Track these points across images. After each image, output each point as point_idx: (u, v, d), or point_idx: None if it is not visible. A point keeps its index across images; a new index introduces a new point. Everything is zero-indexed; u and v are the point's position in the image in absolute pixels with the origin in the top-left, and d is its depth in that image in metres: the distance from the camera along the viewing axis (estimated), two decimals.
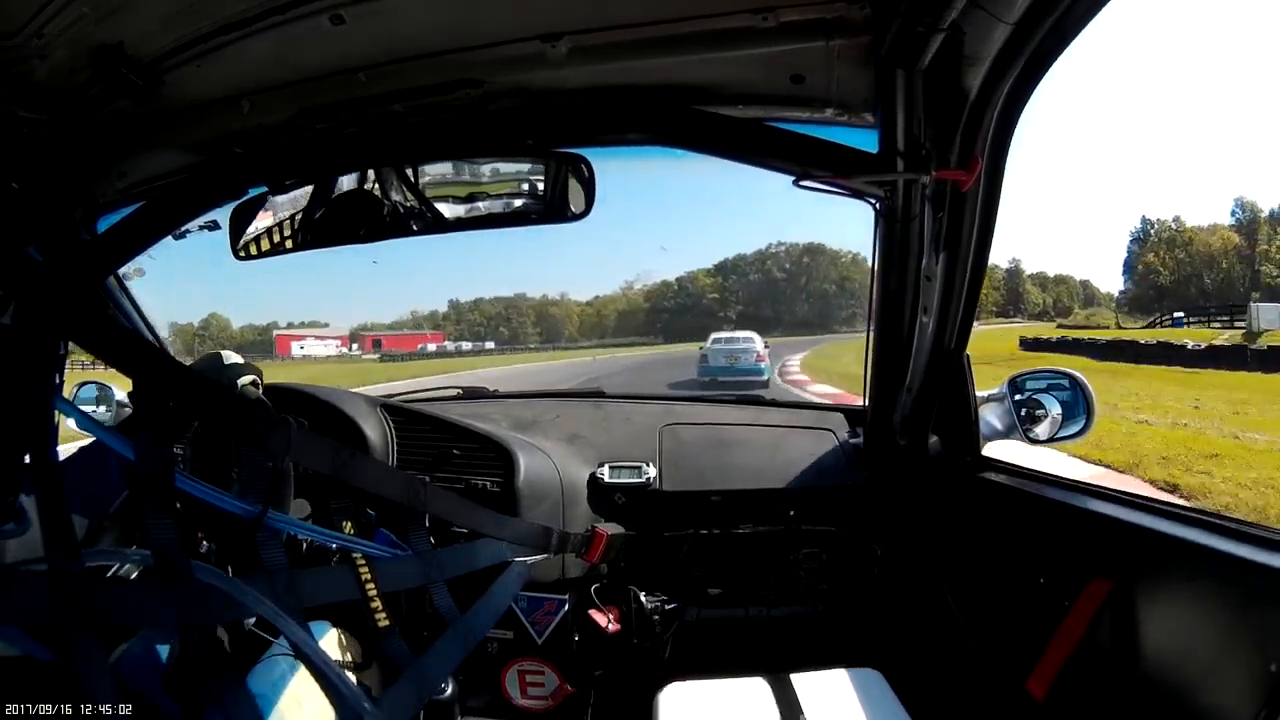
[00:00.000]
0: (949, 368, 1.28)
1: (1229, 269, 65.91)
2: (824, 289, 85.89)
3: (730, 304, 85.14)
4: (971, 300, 1.18)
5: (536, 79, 1.10)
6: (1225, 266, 66.26)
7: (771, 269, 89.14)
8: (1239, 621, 0.79)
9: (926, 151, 0.99)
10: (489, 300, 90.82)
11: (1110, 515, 1.01)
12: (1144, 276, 70.66)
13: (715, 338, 15.94)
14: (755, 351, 14.61)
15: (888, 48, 0.91)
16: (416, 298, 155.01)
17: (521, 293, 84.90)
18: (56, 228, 1.34)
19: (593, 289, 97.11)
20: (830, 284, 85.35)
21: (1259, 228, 65.41)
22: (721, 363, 14.30)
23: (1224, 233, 68.45)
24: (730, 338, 16.04)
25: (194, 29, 0.95)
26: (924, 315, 1.21)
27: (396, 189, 1.28)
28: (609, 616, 1.51)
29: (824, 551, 1.58)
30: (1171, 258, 70.16)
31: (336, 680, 0.83)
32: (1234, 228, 67.91)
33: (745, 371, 14.00)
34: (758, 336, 15.98)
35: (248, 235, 1.35)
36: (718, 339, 15.78)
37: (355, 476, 0.98)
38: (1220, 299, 59.89)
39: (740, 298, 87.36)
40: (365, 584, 0.97)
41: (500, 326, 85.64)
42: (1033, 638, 1.08)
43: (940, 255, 1.10)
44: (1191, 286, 65.86)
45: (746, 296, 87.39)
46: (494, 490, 1.49)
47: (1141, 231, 73.68)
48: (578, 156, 1.20)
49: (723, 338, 15.98)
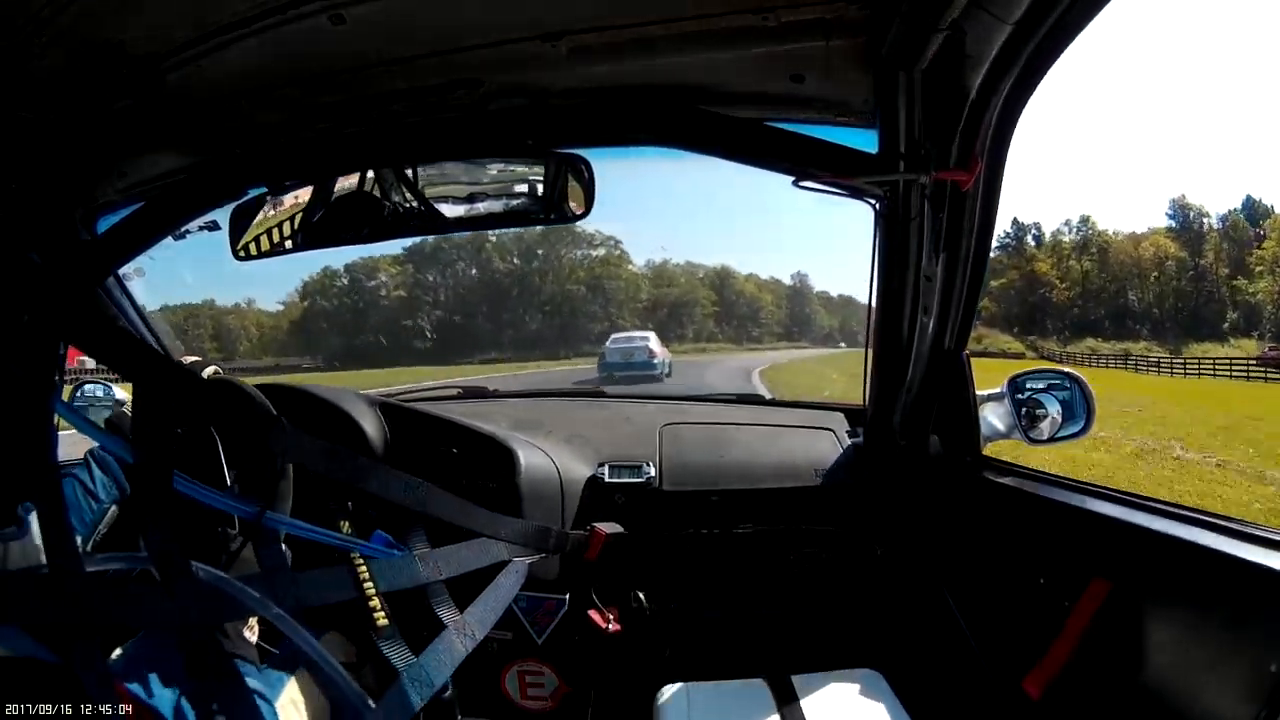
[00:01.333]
0: (949, 368, 1.28)
1: (1165, 282, 55.76)
2: (569, 291, 57.15)
3: (422, 309, 54.16)
4: (971, 300, 1.18)
5: (536, 79, 1.10)
6: (1158, 279, 55.92)
7: (494, 258, 57.30)
8: (1239, 622, 0.79)
9: (926, 151, 0.99)
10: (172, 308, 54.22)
11: (1111, 516, 1.01)
12: (1023, 290, 58.32)
13: (614, 338, 17.77)
14: (648, 348, 16.10)
15: (888, 48, 0.91)
16: None
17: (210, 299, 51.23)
18: (56, 228, 1.34)
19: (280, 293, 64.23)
20: (579, 285, 57.75)
21: (1207, 235, 55.43)
22: (617, 359, 15.66)
23: (1159, 239, 57.55)
24: (628, 337, 17.75)
25: (194, 29, 0.95)
26: (924, 315, 1.21)
27: (396, 189, 1.28)
28: (609, 616, 1.50)
29: (824, 552, 1.58)
30: (1079, 266, 58.58)
31: (336, 680, 0.83)
32: (1173, 234, 57.53)
33: (638, 366, 15.34)
34: (653, 335, 17.85)
35: (248, 235, 1.35)
36: (616, 339, 17.55)
37: (354, 476, 0.98)
38: (1151, 319, 53.23)
39: (439, 300, 55.69)
40: (364, 584, 0.97)
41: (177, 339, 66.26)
42: (1033, 638, 1.08)
43: (940, 255, 1.10)
44: (1100, 304, 57.33)
45: (451, 300, 56.15)
46: (493, 490, 1.49)
47: (1013, 237, 61.01)
48: (577, 157, 1.20)
49: (621, 337, 17.74)
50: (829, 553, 1.59)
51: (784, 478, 1.58)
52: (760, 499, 1.58)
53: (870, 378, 1.44)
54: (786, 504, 1.57)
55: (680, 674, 1.27)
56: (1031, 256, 60.34)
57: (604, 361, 16.05)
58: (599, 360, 16.55)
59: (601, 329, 44.52)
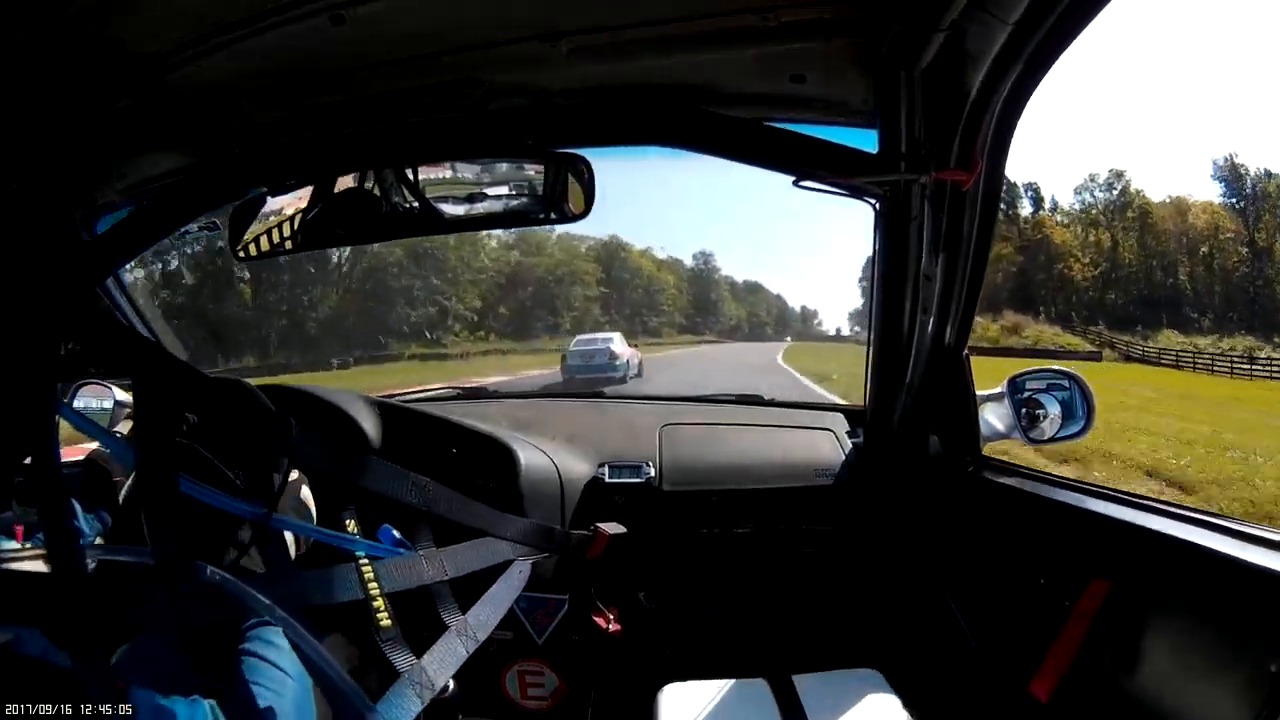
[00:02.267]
0: (949, 367, 1.28)
1: (1223, 259, 40.74)
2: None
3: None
4: (971, 300, 1.18)
5: (536, 79, 1.10)
6: (1210, 256, 40.89)
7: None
8: (1238, 623, 0.79)
9: (926, 151, 0.99)
10: None
11: (1111, 516, 1.01)
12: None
13: (578, 339, 17.57)
14: (609, 350, 15.82)
15: (888, 48, 0.91)
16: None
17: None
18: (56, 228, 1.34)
19: None
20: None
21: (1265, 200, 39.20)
22: (578, 362, 15.58)
23: (1212, 206, 42.29)
24: (590, 339, 17.38)
25: (195, 29, 0.95)
26: (924, 315, 1.21)
27: (396, 189, 1.28)
28: (609, 616, 1.50)
29: (824, 551, 1.58)
30: (1111, 236, 43.02)
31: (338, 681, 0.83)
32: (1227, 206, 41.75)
33: (600, 369, 15.13)
34: (617, 336, 17.41)
35: (247, 235, 1.35)
36: (580, 340, 17.27)
37: (359, 476, 0.98)
38: (1212, 306, 38.25)
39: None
40: (368, 584, 0.97)
41: None
42: (1033, 638, 1.08)
43: (940, 255, 1.10)
44: (1131, 286, 42.32)
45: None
46: (494, 490, 1.49)
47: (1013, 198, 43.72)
48: (577, 156, 1.20)
49: (584, 339, 17.45)
50: (829, 553, 1.59)
51: (784, 478, 1.59)
52: (760, 499, 1.58)
53: (870, 377, 1.44)
54: (786, 504, 1.57)
55: (680, 674, 1.27)
56: (1040, 222, 44.86)
57: (566, 364, 16.07)
58: (562, 363, 16.52)
59: (421, 314, 33.74)
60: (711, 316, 53.12)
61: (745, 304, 54.90)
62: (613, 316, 44.07)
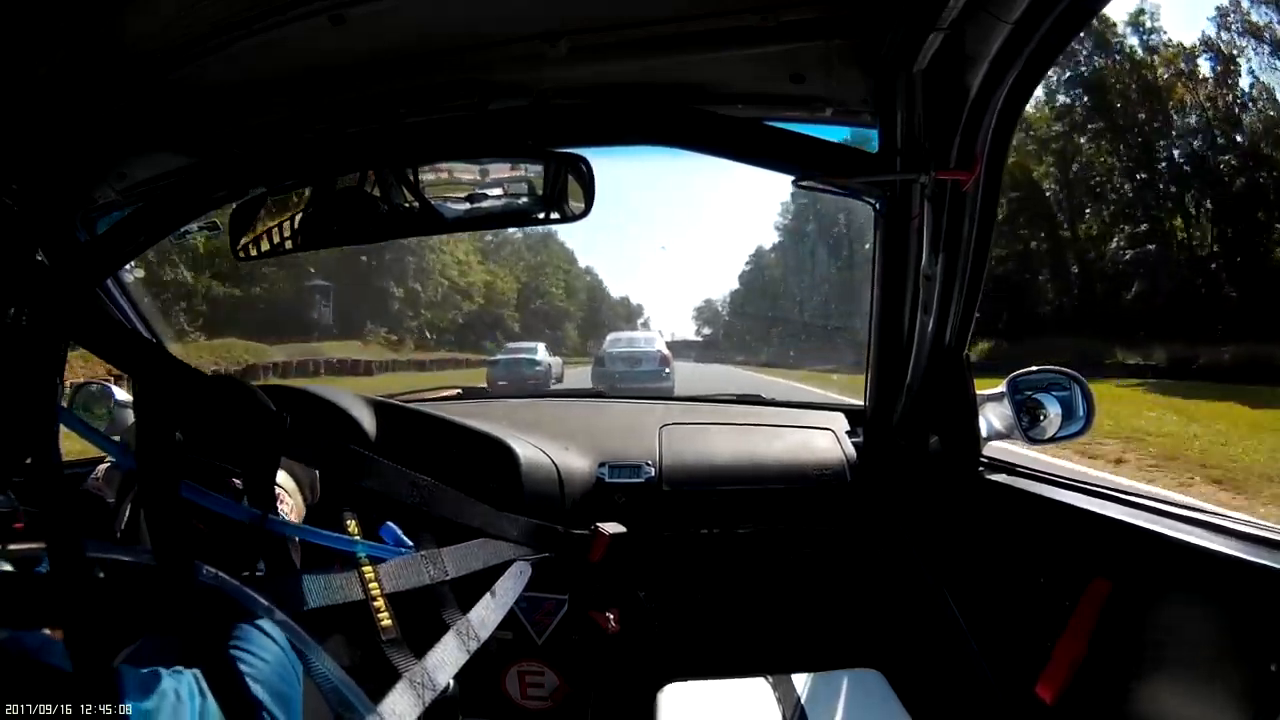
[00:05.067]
0: (949, 367, 1.28)
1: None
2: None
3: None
4: (971, 300, 1.18)
5: (536, 79, 1.10)
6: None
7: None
8: (1239, 622, 0.79)
9: (926, 151, 0.99)
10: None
11: (1111, 516, 1.01)
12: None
13: (614, 338, 13.74)
14: (659, 354, 12.16)
15: (887, 47, 0.91)
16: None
17: None
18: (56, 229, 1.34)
19: None
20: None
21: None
22: (620, 368, 12.06)
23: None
24: (631, 338, 13.76)
25: (195, 29, 0.95)
26: (924, 314, 1.21)
27: (396, 189, 1.28)
28: (609, 616, 1.50)
29: (824, 551, 1.58)
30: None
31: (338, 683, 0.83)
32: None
33: (647, 376, 11.63)
34: (659, 335, 14.06)
35: (248, 235, 1.34)
36: (617, 339, 13.61)
37: (359, 475, 0.98)
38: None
39: None
40: (369, 585, 0.97)
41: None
42: (1033, 638, 1.08)
43: (940, 255, 1.10)
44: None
45: None
46: (494, 490, 1.49)
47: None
48: (577, 156, 1.20)
49: (623, 338, 13.74)
50: (829, 552, 1.59)
51: (784, 478, 1.58)
52: (760, 499, 1.58)
53: (870, 377, 1.44)
54: (786, 504, 1.57)
55: (681, 673, 1.27)
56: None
57: (601, 369, 12.57)
58: (594, 367, 13.08)
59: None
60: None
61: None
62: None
